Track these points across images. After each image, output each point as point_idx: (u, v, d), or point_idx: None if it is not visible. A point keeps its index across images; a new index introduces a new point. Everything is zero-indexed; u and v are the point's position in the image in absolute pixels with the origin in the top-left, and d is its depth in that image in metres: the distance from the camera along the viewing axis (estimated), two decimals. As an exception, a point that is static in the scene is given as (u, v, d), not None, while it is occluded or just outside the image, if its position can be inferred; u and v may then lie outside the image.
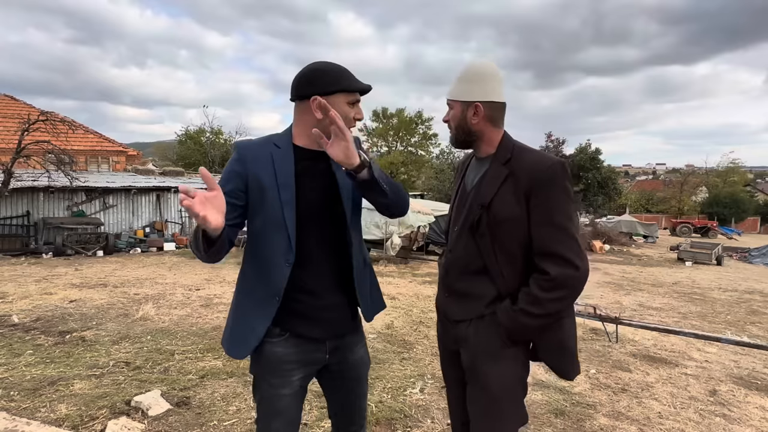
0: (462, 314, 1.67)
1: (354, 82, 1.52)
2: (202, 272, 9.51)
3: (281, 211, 1.50)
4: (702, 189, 45.05)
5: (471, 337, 1.63)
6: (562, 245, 1.51)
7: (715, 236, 28.77)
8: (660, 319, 6.94)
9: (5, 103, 18.10)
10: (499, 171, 1.60)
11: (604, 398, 3.72)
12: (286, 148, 1.55)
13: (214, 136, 33.07)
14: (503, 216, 1.55)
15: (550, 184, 1.52)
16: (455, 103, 1.66)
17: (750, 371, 4.59)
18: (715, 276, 12.46)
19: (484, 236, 1.59)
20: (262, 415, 1.60)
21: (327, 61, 1.55)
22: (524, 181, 1.54)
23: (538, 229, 1.53)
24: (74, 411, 3.14)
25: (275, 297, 1.52)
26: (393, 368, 4.20)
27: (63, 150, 11.38)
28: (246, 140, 1.60)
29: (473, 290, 1.64)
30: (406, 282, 9.25)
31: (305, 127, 1.55)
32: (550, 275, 1.50)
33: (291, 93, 1.57)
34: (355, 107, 1.55)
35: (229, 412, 3.21)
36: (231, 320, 1.62)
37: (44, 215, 12.59)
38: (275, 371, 1.55)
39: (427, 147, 36.61)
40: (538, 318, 1.51)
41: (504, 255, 1.58)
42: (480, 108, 1.61)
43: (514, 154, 1.60)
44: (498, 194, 1.57)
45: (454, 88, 1.67)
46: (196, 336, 4.99)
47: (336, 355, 1.64)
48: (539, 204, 1.52)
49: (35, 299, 6.51)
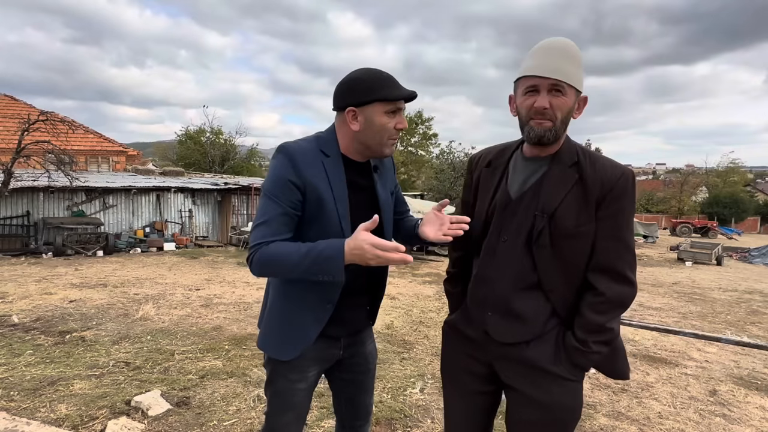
0: (515, 336, 1.47)
1: (392, 91, 1.44)
2: (202, 272, 9.51)
3: (340, 225, 1.47)
4: (702, 189, 45.04)
5: (526, 355, 1.47)
6: (623, 262, 1.40)
7: (715, 236, 28.76)
8: (660, 319, 6.94)
9: (5, 103, 18.10)
10: (566, 174, 1.41)
11: (604, 398, 3.72)
12: (335, 156, 1.50)
13: (214, 136, 33.06)
14: (570, 227, 1.38)
15: (624, 195, 1.38)
16: (571, 89, 1.36)
17: (750, 371, 4.59)
18: (715, 276, 12.46)
19: (545, 249, 1.41)
20: (275, 408, 1.62)
21: (368, 68, 1.48)
22: (596, 188, 1.37)
23: (603, 243, 1.39)
24: (74, 411, 3.14)
25: (329, 304, 1.53)
26: (393, 368, 4.20)
27: (63, 150, 11.36)
28: (294, 143, 1.49)
29: (527, 309, 1.45)
30: (406, 282, 9.24)
31: (344, 136, 1.52)
32: (605, 296, 1.38)
33: (332, 102, 1.52)
34: (397, 116, 1.47)
35: (229, 412, 3.21)
36: (276, 325, 1.58)
37: (44, 215, 12.58)
38: (294, 367, 1.57)
39: (427, 147, 36.58)
40: (608, 344, 1.42)
41: (563, 270, 1.42)
42: (586, 102, 1.43)
43: (581, 156, 1.42)
44: (565, 201, 1.39)
45: (571, 70, 1.34)
46: (196, 336, 4.99)
47: (349, 350, 1.68)
48: (609, 216, 1.38)
49: (35, 299, 6.51)
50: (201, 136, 32.92)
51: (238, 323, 5.57)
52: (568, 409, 1.46)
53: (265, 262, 1.39)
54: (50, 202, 12.76)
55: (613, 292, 1.38)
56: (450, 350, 1.69)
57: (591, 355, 1.41)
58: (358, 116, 1.46)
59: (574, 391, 1.46)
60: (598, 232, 1.39)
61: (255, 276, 1.47)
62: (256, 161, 35.77)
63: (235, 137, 33.95)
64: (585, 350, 1.40)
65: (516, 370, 1.49)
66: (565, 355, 1.44)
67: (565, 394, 1.45)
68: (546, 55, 1.35)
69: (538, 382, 1.45)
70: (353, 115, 1.46)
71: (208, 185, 15.36)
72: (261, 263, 1.40)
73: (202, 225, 15.45)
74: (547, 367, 1.44)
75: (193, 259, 11.53)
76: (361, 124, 1.46)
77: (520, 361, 1.48)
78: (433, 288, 8.68)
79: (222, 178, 19.45)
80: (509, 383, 1.52)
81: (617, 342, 1.47)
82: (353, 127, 1.47)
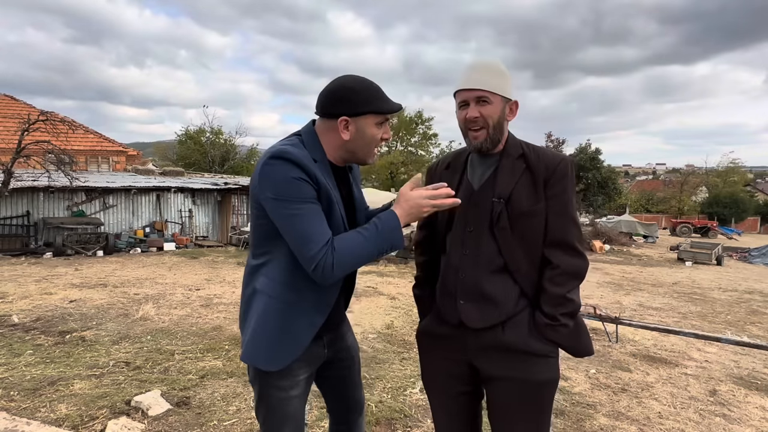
0: (489, 319, 1.56)
1: (385, 104, 1.49)
2: (202, 272, 9.52)
3: (344, 226, 1.52)
4: (702, 189, 45.05)
5: (504, 340, 1.55)
6: (571, 235, 1.57)
7: (715, 236, 28.76)
8: (660, 319, 6.94)
9: (5, 103, 18.11)
10: (515, 165, 1.59)
11: (604, 398, 3.72)
12: (324, 162, 1.51)
13: (214, 136, 33.07)
14: (525, 208, 1.55)
15: (565, 176, 1.57)
16: (496, 98, 1.53)
17: (750, 371, 4.59)
18: (715, 276, 12.46)
19: (505, 230, 1.55)
20: (271, 425, 1.57)
21: (357, 77, 1.50)
22: (541, 172, 1.56)
23: (554, 219, 1.56)
24: (74, 411, 3.14)
25: (327, 306, 1.55)
26: (393, 368, 4.20)
27: (63, 150, 11.37)
28: (293, 150, 1.43)
29: (497, 292, 1.56)
30: (406, 282, 9.25)
31: (331, 143, 1.52)
32: (560, 268, 1.53)
33: (317, 107, 1.51)
34: (383, 127, 1.53)
35: (229, 412, 3.21)
36: (269, 333, 1.50)
37: (44, 215, 12.59)
38: (283, 374, 1.53)
39: (426, 147, 36.59)
40: (573, 316, 1.54)
41: (524, 250, 1.56)
42: (517, 106, 1.60)
43: (525, 148, 1.61)
44: (517, 187, 1.56)
45: (492, 81, 1.53)
46: (196, 336, 4.99)
47: (333, 347, 1.70)
48: (556, 195, 1.56)
49: (35, 299, 6.51)
50: (201, 136, 32.92)
51: (238, 323, 5.57)
52: (545, 382, 1.56)
53: (342, 263, 1.39)
54: (50, 202, 12.76)
55: (567, 264, 1.54)
56: (427, 358, 1.77)
57: (560, 328, 1.53)
58: (350, 126, 1.48)
59: (549, 364, 1.56)
60: (548, 210, 1.56)
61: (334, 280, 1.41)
62: (256, 161, 35.75)
63: (235, 137, 33.99)
64: (554, 324, 1.52)
65: (494, 359, 1.58)
66: (537, 333, 1.55)
67: (541, 368, 1.55)
68: (471, 71, 1.55)
69: (516, 363, 1.55)
70: (345, 125, 1.47)
71: (208, 185, 15.37)
72: (339, 265, 1.38)
73: (202, 225, 15.45)
74: (522, 347, 1.54)
75: (193, 259, 11.53)
76: (352, 133, 1.49)
77: (497, 349, 1.57)
78: (433, 288, 8.69)
79: (222, 178, 19.46)
80: (489, 374, 1.60)
81: (578, 318, 1.59)
82: (344, 136, 1.49)
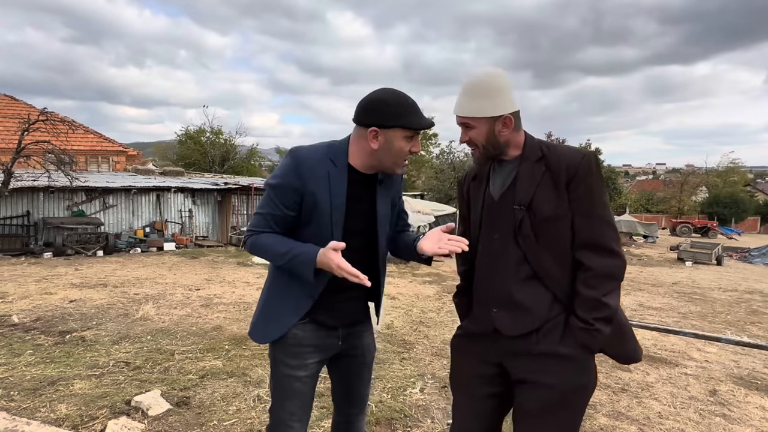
0: (523, 327, 1.55)
1: (415, 120, 1.54)
2: (202, 272, 9.51)
3: (330, 230, 1.59)
4: (702, 189, 45.03)
5: (535, 344, 1.54)
6: (603, 235, 1.51)
7: (715, 236, 28.76)
8: (660, 319, 6.94)
9: (5, 103, 18.10)
10: (534, 169, 1.55)
11: (604, 398, 3.72)
12: (342, 168, 1.60)
13: (214, 136, 33.05)
14: (547, 213, 1.51)
15: (589, 174, 1.51)
16: (478, 120, 1.55)
17: (750, 371, 4.59)
18: (715, 276, 12.46)
19: (528, 238, 1.53)
20: (278, 397, 1.68)
21: (394, 91, 1.56)
22: (563, 174, 1.51)
23: (580, 221, 1.51)
24: (74, 411, 3.14)
25: (310, 297, 1.63)
26: (393, 368, 4.20)
27: (63, 150, 11.36)
28: (306, 150, 1.61)
29: (528, 299, 1.54)
30: (406, 282, 9.25)
31: (360, 150, 1.60)
32: (593, 270, 1.49)
33: (354, 114, 1.60)
34: (413, 141, 1.57)
35: (229, 412, 3.21)
36: (261, 311, 1.72)
37: (44, 215, 12.58)
38: (293, 353, 1.66)
39: (427, 147, 36.60)
40: (609, 321, 1.49)
41: (553, 255, 1.52)
42: (511, 120, 1.55)
43: (545, 150, 1.57)
44: (537, 191, 1.53)
45: (472, 105, 1.55)
46: (196, 336, 4.99)
47: (347, 341, 1.75)
48: (580, 195, 1.51)
49: (35, 299, 6.51)
50: (201, 136, 32.91)
51: (238, 323, 5.57)
52: (578, 387, 1.52)
53: (255, 249, 1.63)
54: (50, 202, 12.76)
55: (599, 265, 1.49)
56: (459, 359, 1.77)
57: (594, 333, 1.47)
58: (379, 136, 1.54)
59: (582, 368, 1.52)
60: (574, 213, 1.51)
61: None
62: (256, 161, 35.78)
63: (235, 137, 33.98)
64: (588, 328, 1.47)
65: (526, 363, 1.56)
66: (571, 337, 1.51)
67: (574, 372, 1.51)
68: (460, 95, 1.58)
69: (547, 367, 1.52)
70: (374, 135, 1.54)
71: (208, 185, 15.36)
72: (251, 248, 1.64)
73: (202, 225, 15.45)
74: (555, 350, 1.51)
75: (193, 259, 11.53)
76: (380, 144, 1.55)
77: (530, 354, 1.54)
78: (433, 288, 8.69)
79: (222, 178, 19.45)
80: (519, 377, 1.58)
81: (620, 320, 1.53)
82: (372, 145, 1.56)
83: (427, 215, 12.35)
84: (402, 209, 1.86)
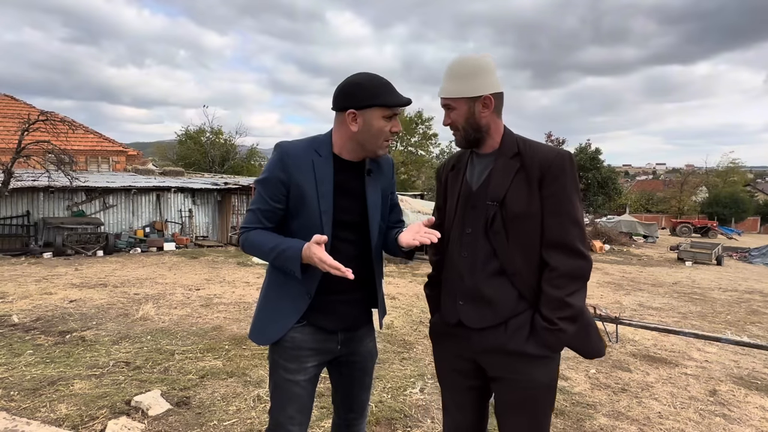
0: (487, 320, 1.57)
1: (391, 98, 1.55)
2: (202, 272, 9.51)
3: (320, 219, 1.58)
4: (702, 189, 45.04)
5: (503, 341, 1.56)
6: (570, 235, 1.51)
7: (715, 236, 28.76)
8: (660, 319, 6.94)
9: (5, 103, 18.11)
10: (509, 164, 1.55)
11: (604, 398, 3.72)
12: (327, 157, 1.61)
13: (214, 135, 33.06)
14: (519, 211, 1.52)
15: (562, 173, 1.51)
16: (458, 101, 1.57)
17: (750, 371, 4.59)
18: (715, 276, 12.46)
19: (499, 234, 1.54)
20: (277, 401, 1.67)
21: (368, 73, 1.58)
22: (536, 172, 1.51)
23: (550, 220, 1.51)
24: (74, 411, 3.14)
25: (307, 294, 1.62)
26: (393, 368, 4.20)
27: (63, 150, 11.36)
28: (289, 143, 1.64)
29: (494, 294, 1.56)
30: (406, 282, 9.25)
31: (342, 136, 1.61)
32: (559, 270, 1.49)
33: (332, 103, 1.62)
34: (392, 121, 1.57)
35: (229, 412, 3.21)
36: (259, 312, 1.72)
37: (44, 215, 12.58)
38: (292, 357, 1.65)
39: (427, 147, 36.59)
40: (573, 320, 1.49)
41: (520, 252, 1.53)
42: (491, 100, 1.55)
43: (521, 146, 1.57)
44: (511, 188, 1.53)
45: (452, 86, 1.57)
46: (196, 336, 4.99)
47: (347, 346, 1.74)
48: (551, 194, 1.51)
49: (35, 299, 6.51)
50: (201, 136, 32.92)
51: (238, 323, 5.57)
52: (542, 385, 1.56)
53: (247, 246, 1.63)
54: (50, 202, 12.75)
55: (565, 265, 1.50)
56: (438, 352, 1.81)
57: (558, 333, 1.49)
58: (357, 118, 1.55)
59: (546, 367, 1.56)
60: (544, 211, 1.52)
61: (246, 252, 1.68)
62: (256, 161, 35.77)
63: (234, 137, 33.99)
64: (552, 328, 1.49)
65: (498, 361, 1.59)
66: (536, 336, 1.53)
67: (539, 371, 1.55)
68: (443, 79, 1.60)
69: (517, 366, 1.56)
70: (353, 117, 1.55)
71: (208, 185, 15.36)
72: (243, 245, 1.65)
73: (202, 225, 15.45)
74: (522, 349, 1.54)
75: (193, 259, 11.53)
76: (359, 126, 1.56)
77: (500, 351, 1.57)
78: (433, 288, 8.68)
79: (222, 178, 19.45)
80: (494, 375, 1.62)
81: (586, 318, 1.55)
82: (352, 128, 1.56)
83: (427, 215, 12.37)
84: (395, 203, 1.85)
